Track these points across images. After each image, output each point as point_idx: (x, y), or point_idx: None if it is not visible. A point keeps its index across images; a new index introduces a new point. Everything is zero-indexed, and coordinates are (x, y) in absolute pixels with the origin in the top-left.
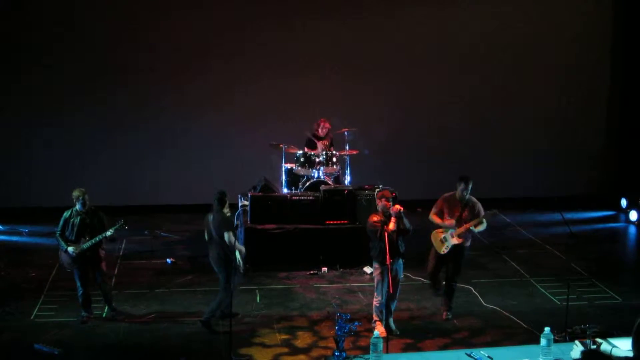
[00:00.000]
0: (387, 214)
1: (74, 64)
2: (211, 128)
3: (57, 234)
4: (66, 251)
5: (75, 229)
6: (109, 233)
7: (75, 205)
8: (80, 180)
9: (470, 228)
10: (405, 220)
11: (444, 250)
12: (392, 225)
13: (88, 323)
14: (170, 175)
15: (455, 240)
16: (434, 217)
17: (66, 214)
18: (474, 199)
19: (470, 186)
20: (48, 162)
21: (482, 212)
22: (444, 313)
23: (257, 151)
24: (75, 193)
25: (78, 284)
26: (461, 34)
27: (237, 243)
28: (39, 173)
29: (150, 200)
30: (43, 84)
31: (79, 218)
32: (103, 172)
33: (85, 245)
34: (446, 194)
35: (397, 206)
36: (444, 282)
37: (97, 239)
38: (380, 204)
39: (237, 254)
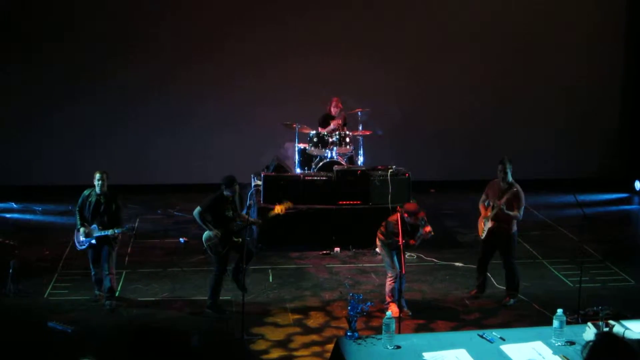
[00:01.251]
0: (412, 225)
1: (89, 43)
2: (226, 107)
3: (77, 209)
4: (78, 230)
5: (91, 208)
6: (111, 232)
7: (94, 185)
8: (94, 158)
9: (503, 209)
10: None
11: (482, 234)
12: (417, 241)
13: (101, 302)
14: (184, 154)
15: (490, 224)
16: (480, 206)
17: (86, 192)
18: (517, 187)
19: (506, 167)
20: (62, 140)
21: (518, 200)
22: (506, 298)
23: (271, 131)
24: (95, 174)
25: (90, 264)
26: (477, 17)
27: (206, 225)
28: (53, 151)
29: (164, 180)
30: (56, 63)
31: (95, 199)
32: (117, 150)
33: (96, 234)
34: (492, 180)
35: (429, 228)
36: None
37: (107, 232)
38: (409, 217)
39: (205, 235)
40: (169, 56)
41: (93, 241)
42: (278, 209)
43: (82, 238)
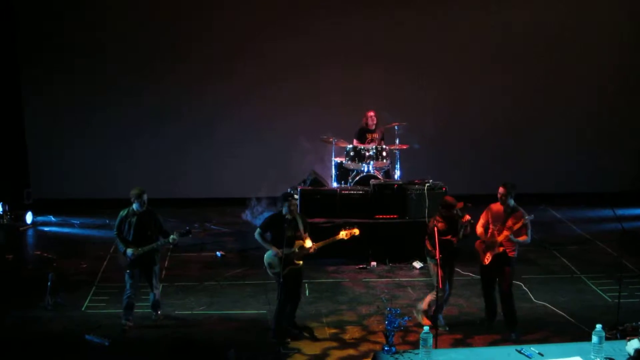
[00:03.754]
0: (451, 222)
1: (120, 58)
2: (263, 121)
3: (115, 234)
4: (124, 253)
5: (132, 229)
6: (171, 239)
7: (132, 203)
8: (132, 172)
9: (511, 237)
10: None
11: (485, 260)
12: (459, 236)
13: (129, 332)
14: (222, 168)
15: (496, 250)
16: (479, 231)
17: (122, 212)
18: (522, 211)
19: (508, 192)
20: (99, 154)
21: (524, 221)
22: (508, 334)
23: (308, 145)
24: (134, 192)
25: (127, 285)
26: (510, 31)
27: (267, 244)
28: (90, 165)
29: (201, 193)
30: (92, 77)
31: (135, 218)
32: (154, 164)
33: (146, 248)
34: (491, 204)
35: (467, 217)
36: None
37: (157, 244)
38: (446, 211)
39: (266, 255)
40: (201, 69)
41: (145, 257)
42: (343, 234)
43: (127, 261)
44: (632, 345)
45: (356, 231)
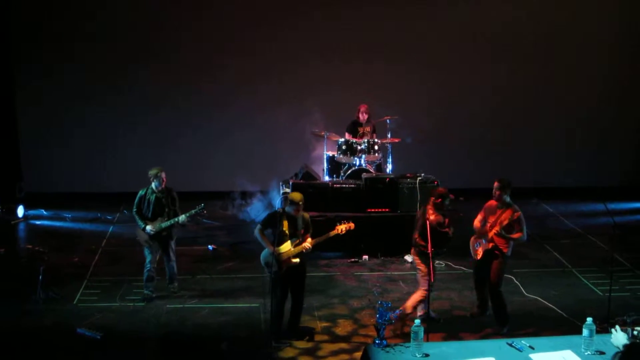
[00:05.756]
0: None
1: (114, 50)
2: (253, 115)
3: (134, 212)
4: (144, 229)
5: (152, 206)
6: (184, 216)
7: (151, 183)
8: (123, 166)
9: (502, 233)
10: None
11: (477, 255)
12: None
13: (152, 302)
14: (213, 162)
15: (487, 245)
16: (475, 224)
17: (141, 192)
18: (516, 208)
19: (502, 188)
20: (91, 148)
21: (519, 221)
22: (475, 310)
23: (300, 139)
24: (153, 171)
25: (147, 259)
26: (505, 27)
27: (266, 242)
28: (83, 159)
29: (191, 187)
30: (86, 70)
31: (154, 196)
32: (146, 157)
33: (164, 224)
34: (488, 201)
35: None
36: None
37: (177, 219)
38: (441, 201)
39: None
40: (191, 64)
41: (163, 232)
42: (340, 228)
43: (146, 236)
44: (618, 338)
45: (352, 225)
